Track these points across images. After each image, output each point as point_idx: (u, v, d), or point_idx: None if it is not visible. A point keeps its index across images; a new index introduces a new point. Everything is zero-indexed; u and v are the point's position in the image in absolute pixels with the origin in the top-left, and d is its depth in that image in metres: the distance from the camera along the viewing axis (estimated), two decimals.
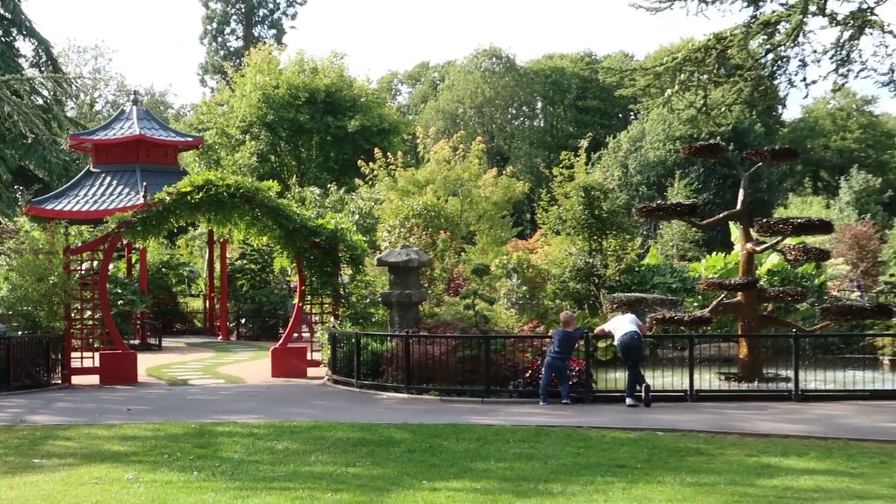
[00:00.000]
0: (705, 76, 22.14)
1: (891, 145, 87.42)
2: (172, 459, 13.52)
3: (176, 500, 11.15)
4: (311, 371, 24.15)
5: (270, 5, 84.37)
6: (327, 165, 54.29)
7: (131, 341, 29.21)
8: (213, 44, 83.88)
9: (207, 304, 37.39)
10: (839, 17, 20.49)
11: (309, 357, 24.65)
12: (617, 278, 28.53)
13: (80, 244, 26.39)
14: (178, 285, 40.48)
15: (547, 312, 25.74)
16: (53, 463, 13.51)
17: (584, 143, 34.30)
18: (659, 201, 31.05)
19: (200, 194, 23.46)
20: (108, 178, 34.95)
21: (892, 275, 45.06)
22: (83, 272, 24.45)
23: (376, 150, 38.89)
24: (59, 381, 22.92)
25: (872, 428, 16.19)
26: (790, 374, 19.82)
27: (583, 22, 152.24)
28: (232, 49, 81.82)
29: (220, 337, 34.65)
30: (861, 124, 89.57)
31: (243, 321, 35.90)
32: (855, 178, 71.15)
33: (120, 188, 34.47)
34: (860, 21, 20.31)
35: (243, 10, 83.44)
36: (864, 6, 20.24)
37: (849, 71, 21.04)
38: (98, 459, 13.72)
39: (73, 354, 23.69)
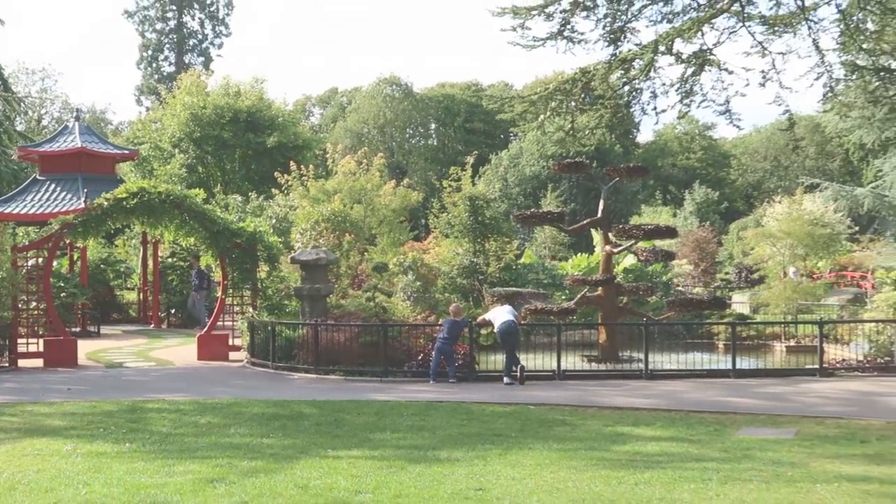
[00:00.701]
0: (573, 104, 22.30)
1: (727, 164, 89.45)
2: (107, 433, 13.24)
3: (109, 468, 10.90)
4: (232, 355, 23.79)
5: (199, 36, 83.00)
6: (248, 176, 53.54)
7: (72, 329, 28.47)
8: (149, 68, 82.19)
9: (141, 297, 36.62)
10: (684, 56, 20.82)
11: (230, 343, 24.28)
12: (497, 275, 28.72)
13: (26, 243, 25.67)
14: (115, 280, 39.49)
15: (437, 304, 25.78)
16: None
17: (471, 160, 34.51)
18: (533, 210, 31.31)
19: (135, 200, 23.09)
20: (53, 185, 33.97)
21: (726, 273, 46.13)
22: (29, 268, 23.80)
23: (291, 163, 38.45)
24: (7, 365, 22.22)
25: (708, 401, 16.55)
26: (641, 356, 20.14)
27: (470, 55, 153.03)
28: (165, 73, 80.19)
29: (153, 325, 33.96)
30: (702, 146, 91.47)
31: (173, 311, 35.26)
32: (697, 191, 72.62)
33: (63, 194, 33.54)
34: (701, 60, 20.66)
35: (175, 39, 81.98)
36: (705, 47, 20.60)
37: (692, 101, 21.36)
38: (40, 433, 13.36)
39: (20, 340, 23.02)
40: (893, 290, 22.02)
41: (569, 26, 20.04)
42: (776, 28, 20.08)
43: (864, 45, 20.86)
